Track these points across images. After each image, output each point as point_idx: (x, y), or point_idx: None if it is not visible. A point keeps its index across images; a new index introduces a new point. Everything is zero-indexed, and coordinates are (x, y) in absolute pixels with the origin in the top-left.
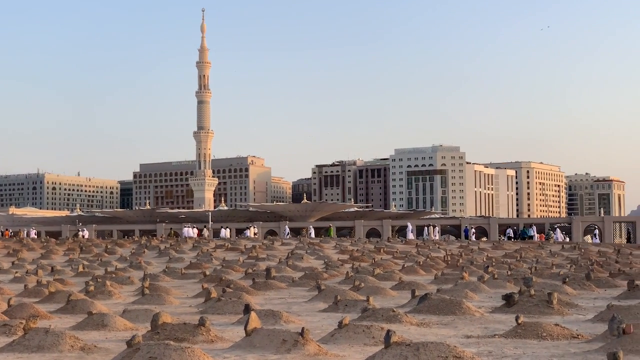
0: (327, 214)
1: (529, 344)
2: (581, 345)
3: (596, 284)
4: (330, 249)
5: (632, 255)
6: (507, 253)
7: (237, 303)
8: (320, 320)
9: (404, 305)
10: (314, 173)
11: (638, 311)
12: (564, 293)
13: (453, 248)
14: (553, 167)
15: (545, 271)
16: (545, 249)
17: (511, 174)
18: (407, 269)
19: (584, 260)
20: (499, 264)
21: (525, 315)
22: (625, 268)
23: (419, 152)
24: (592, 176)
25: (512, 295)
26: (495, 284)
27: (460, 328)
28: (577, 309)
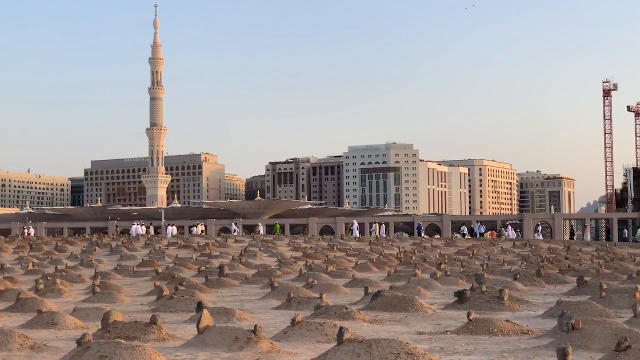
0: (281, 211)
1: (480, 340)
2: (531, 340)
3: (546, 280)
4: (283, 246)
5: (582, 251)
6: (459, 250)
7: (190, 301)
8: (273, 318)
9: (357, 303)
10: (268, 170)
11: (587, 307)
12: (515, 289)
13: (406, 245)
14: (505, 165)
15: (496, 268)
16: (497, 246)
17: (464, 172)
18: (361, 266)
19: (535, 257)
20: (452, 261)
21: (476, 312)
22: (574, 264)
23: (373, 149)
24: (543, 174)
25: (464, 292)
26: (447, 281)
27: (412, 325)
28: (528, 305)
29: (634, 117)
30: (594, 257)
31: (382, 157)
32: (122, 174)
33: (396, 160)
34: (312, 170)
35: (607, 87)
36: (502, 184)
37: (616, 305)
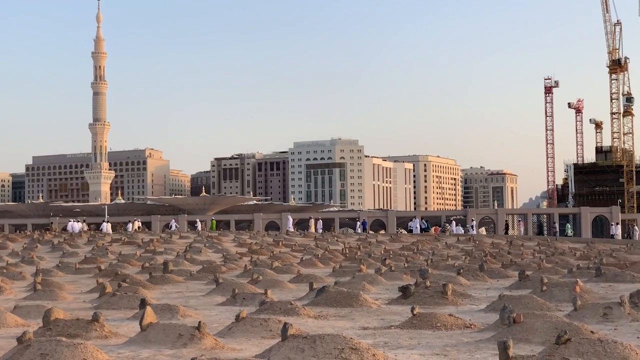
0: (226, 207)
1: (423, 334)
2: (474, 334)
3: (489, 275)
4: (229, 242)
5: (524, 246)
6: (404, 245)
7: (133, 298)
8: (217, 314)
9: (302, 298)
10: (213, 166)
11: (528, 301)
12: (459, 284)
13: (351, 241)
14: (449, 161)
15: (440, 263)
16: (441, 242)
17: (409, 167)
18: (306, 262)
19: (478, 252)
20: (397, 256)
21: (420, 306)
22: (517, 259)
23: (318, 145)
24: (487, 170)
25: (408, 287)
26: (392, 276)
27: (357, 320)
28: (471, 299)
29: (574, 114)
30: (535, 251)
31: (327, 153)
32: (65, 170)
33: (341, 156)
34: (258, 166)
35: (549, 84)
36: (447, 180)
37: (557, 299)
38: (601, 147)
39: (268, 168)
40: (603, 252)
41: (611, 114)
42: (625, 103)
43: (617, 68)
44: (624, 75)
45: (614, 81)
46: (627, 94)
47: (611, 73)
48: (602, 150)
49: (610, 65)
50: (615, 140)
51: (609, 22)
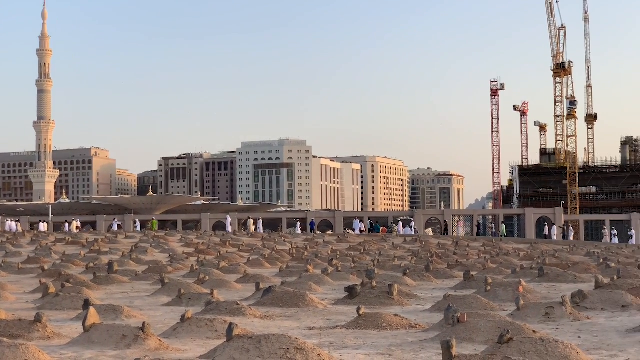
0: (173, 206)
1: (369, 334)
2: (418, 334)
3: (435, 275)
4: (175, 242)
5: (470, 247)
6: (351, 246)
7: (77, 298)
8: (163, 315)
9: (249, 298)
10: (160, 165)
11: (472, 301)
12: (404, 284)
13: (299, 241)
14: (397, 162)
15: (387, 263)
16: (388, 242)
17: (356, 168)
18: (253, 262)
19: (425, 252)
20: (344, 256)
21: (366, 307)
22: (462, 260)
23: (266, 145)
24: (434, 171)
25: (355, 287)
26: (339, 277)
27: (303, 320)
28: (416, 299)
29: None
30: (481, 252)
31: (275, 153)
32: (8, 169)
33: (289, 156)
34: (206, 165)
35: (495, 86)
36: (394, 181)
37: (500, 299)
38: (545, 150)
39: (216, 168)
40: (546, 252)
41: (555, 117)
42: (568, 106)
43: (561, 72)
44: (567, 79)
45: (558, 85)
46: (570, 97)
47: (555, 76)
48: (546, 152)
49: (554, 69)
50: (559, 143)
51: (553, 27)
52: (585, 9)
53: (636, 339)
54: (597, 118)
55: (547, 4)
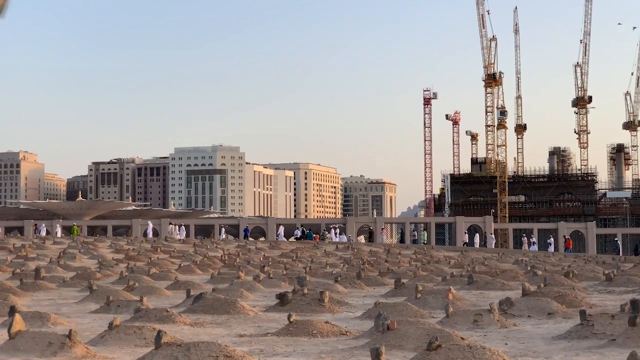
0: (104, 212)
1: (299, 342)
2: (349, 341)
3: (366, 283)
4: (105, 248)
5: (401, 254)
6: (283, 253)
7: (2, 305)
8: (90, 322)
9: (179, 305)
10: (91, 170)
11: (403, 308)
12: (336, 291)
13: (231, 247)
14: (330, 169)
15: (319, 270)
16: (321, 249)
17: (290, 175)
18: (184, 268)
19: (357, 259)
20: (276, 263)
21: (297, 314)
22: (394, 267)
23: (199, 151)
24: (367, 179)
25: (286, 294)
26: (270, 283)
27: (233, 327)
28: (347, 306)
29: (452, 126)
30: (412, 259)
31: (208, 160)
32: None
33: (222, 162)
34: (137, 171)
35: (428, 95)
36: (327, 188)
37: (430, 306)
38: (476, 159)
39: (148, 173)
40: (476, 260)
41: (486, 127)
42: (499, 116)
43: (492, 82)
44: (498, 89)
45: (489, 95)
46: (501, 108)
47: (487, 87)
48: (477, 161)
49: (485, 79)
50: (490, 152)
51: (485, 38)
52: (516, 21)
53: (561, 345)
54: (526, 128)
55: (478, 15)
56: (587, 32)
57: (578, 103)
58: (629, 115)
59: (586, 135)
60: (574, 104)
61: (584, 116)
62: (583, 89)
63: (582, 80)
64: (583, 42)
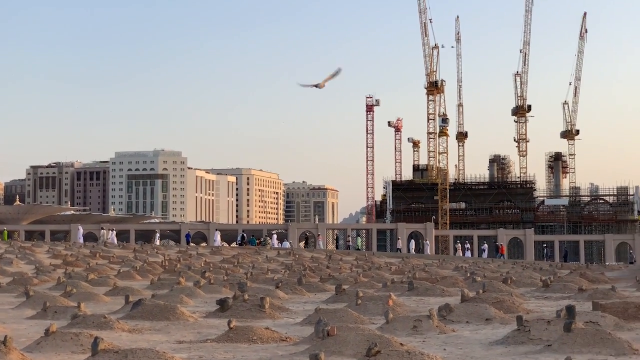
0: (41, 216)
1: (239, 348)
2: (289, 347)
3: (307, 289)
4: (42, 253)
5: (342, 261)
6: (225, 258)
7: None
8: (27, 328)
9: (117, 312)
10: (29, 174)
11: (343, 314)
12: (277, 297)
13: (172, 253)
14: (272, 175)
15: (260, 276)
16: (262, 255)
17: (232, 180)
18: (123, 274)
19: (298, 265)
20: (217, 269)
21: (238, 320)
22: (335, 273)
23: (140, 155)
24: (309, 184)
25: (226, 300)
26: (211, 289)
27: (173, 333)
28: (288, 312)
29: (394, 132)
30: (353, 266)
31: (149, 164)
32: None
33: (164, 167)
34: (77, 175)
35: (370, 102)
36: (269, 194)
37: (370, 312)
38: (418, 166)
39: (87, 177)
40: (416, 266)
41: (428, 134)
42: (440, 124)
43: (434, 90)
44: (440, 97)
45: (431, 102)
46: (442, 115)
47: (429, 94)
48: (418, 168)
49: (428, 87)
50: (431, 159)
51: (427, 46)
52: (458, 30)
53: (498, 351)
54: (467, 136)
55: (421, 23)
56: (526, 42)
57: (517, 112)
58: (567, 124)
59: (525, 143)
60: (514, 112)
61: (523, 125)
62: (522, 98)
63: (521, 89)
64: (523, 52)
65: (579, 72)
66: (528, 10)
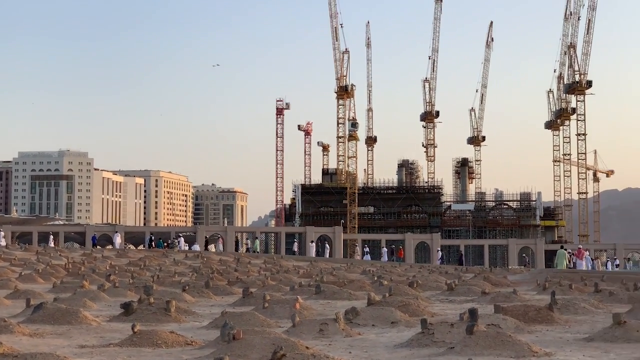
0: None
1: (143, 352)
2: (194, 351)
3: (214, 292)
4: None
5: (251, 264)
6: (131, 261)
7: None
8: None
9: (17, 315)
10: None
11: (250, 317)
12: (183, 301)
13: (75, 256)
14: (181, 177)
15: (167, 279)
16: (170, 258)
17: (140, 182)
18: (25, 277)
19: (206, 268)
20: (122, 272)
21: (143, 324)
22: (243, 276)
23: (45, 156)
24: (218, 187)
25: (131, 304)
26: (116, 293)
27: (75, 338)
28: (194, 316)
29: (304, 136)
30: (262, 269)
31: (54, 165)
32: None
33: (69, 168)
34: None
35: (280, 105)
36: (178, 196)
37: (277, 316)
38: (327, 169)
39: None
40: (324, 270)
41: (337, 138)
42: (350, 128)
43: (344, 94)
44: (350, 102)
45: (341, 106)
46: (352, 120)
47: (339, 99)
48: (328, 172)
49: (338, 91)
50: (341, 163)
51: (337, 50)
52: (368, 36)
53: (402, 354)
54: (376, 140)
55: (332, 28)
56: (435, 49)
57: (426, 117)
58: (474, 130)
59: (433, 148)
60: (422, 118)
61: (432, 130)
62: (431, 104)
63: (430, 95)
64: (431, 59)
65: (485, 80)
66: (437, 18)
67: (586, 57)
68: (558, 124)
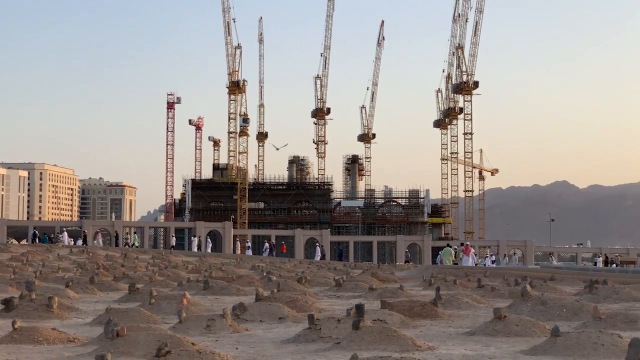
0: None
1: (23, 349)
2: (76, 348)
3: (99, 288)
4: None
5: (138, 259)
6: (13, 256)
7: None
8: None
9: None
10: None
11: (135, 314)
12: (67, 297)
13: None
14: (67, 170)
15: (50, 275)
16: (54, 253)
17: (23, 175)
18: None
19: (92, 264)
20: (4, 267)
21: (24, 320)
22: (130, 272)
23: None
24: (106, 181)
25: (12, 300)
26: None
27: None
28: (78, 312)
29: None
30: (149, 264)
31: None
32: None
33: None
34: None
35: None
36: (64, 190)
37: (164, 312)
38: (218, 165)
39: None
40: (214, 265)
41: (229, 133)
42: (241, 123)
43: (235, 89)
44: (241, 97)
45: (233, 102)
46: (243, 115)
47: (230, 94)
48: (218, 167)
49: (229, 86)
50: (232, 159)
51: (230, 45)
52: (261, 31)
53: (289, 349)
54: (267, 136)
55: (224, 22)
56: (327, 46)
57: (317, 114)
58: (364, 128)
59: (324, 145)
60: (313, 114)
61: (323, 127)
62: (322, 101)
63: (321, 92)
64: (323, 56)
65: (376, 78)
66: (329, 15)
67: (473, 58)
68: (446, 123)
